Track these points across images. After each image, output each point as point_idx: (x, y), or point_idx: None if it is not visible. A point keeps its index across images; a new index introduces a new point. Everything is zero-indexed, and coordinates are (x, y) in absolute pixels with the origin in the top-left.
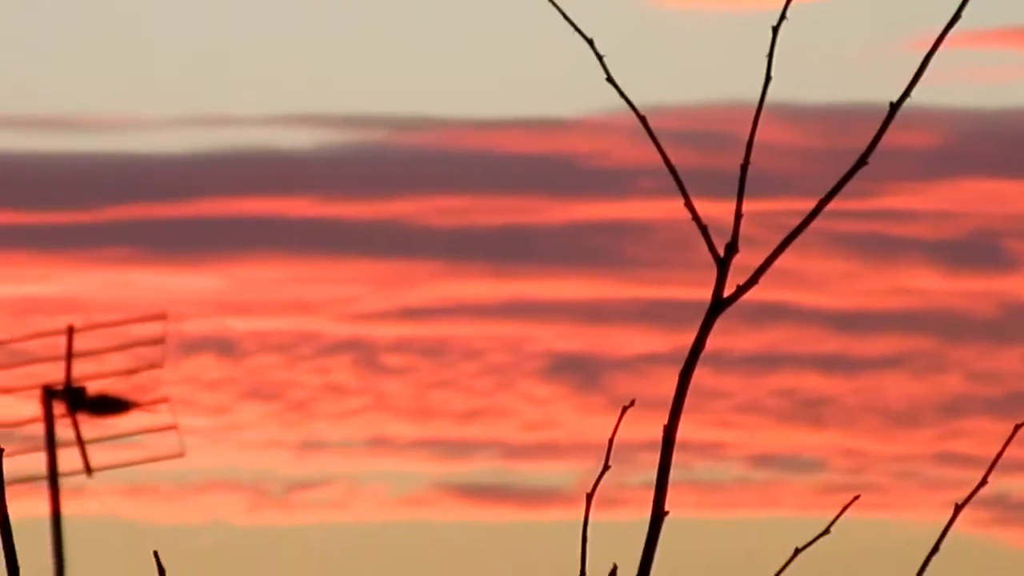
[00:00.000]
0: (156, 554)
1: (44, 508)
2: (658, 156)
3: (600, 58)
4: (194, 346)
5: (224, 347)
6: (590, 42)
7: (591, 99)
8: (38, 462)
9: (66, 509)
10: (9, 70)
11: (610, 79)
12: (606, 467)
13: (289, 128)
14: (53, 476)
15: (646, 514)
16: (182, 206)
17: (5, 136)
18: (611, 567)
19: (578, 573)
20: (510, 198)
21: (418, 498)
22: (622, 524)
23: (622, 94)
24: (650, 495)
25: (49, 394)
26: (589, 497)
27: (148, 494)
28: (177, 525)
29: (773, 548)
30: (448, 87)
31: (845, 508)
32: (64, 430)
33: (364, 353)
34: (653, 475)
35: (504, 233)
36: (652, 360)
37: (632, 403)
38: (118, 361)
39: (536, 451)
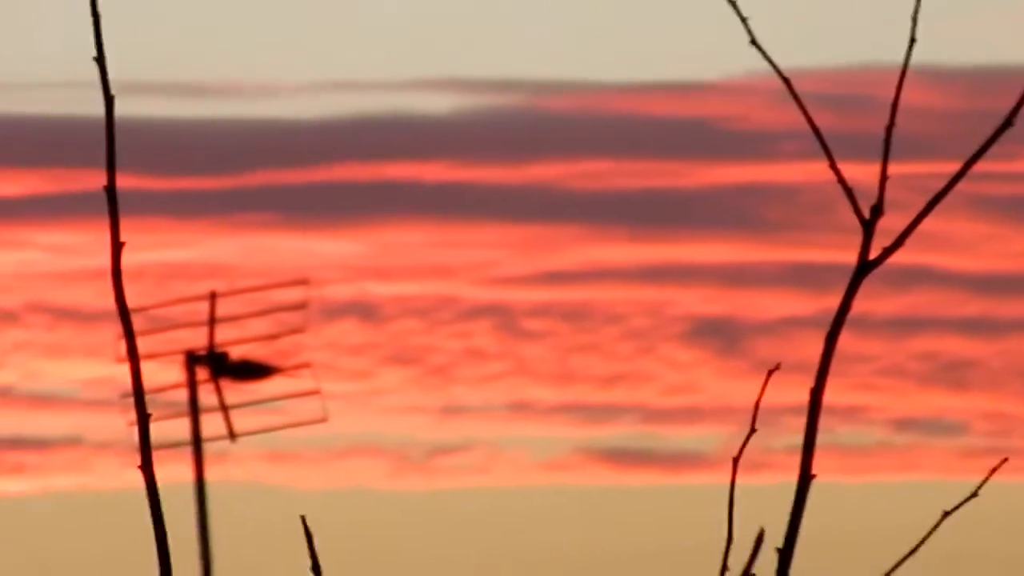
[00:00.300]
0: (303, 519)
1: (188, 473)
2: (800, 119)
3: (744, 20)
4: (335, 311)
5: (365, 312)
6: (733, 4)
7: (732, 62)
8: (182, 428)
9: (209, 475)
10: (149, 37)
11: (754, 41)
12: (752, 431)
13: (428, 92)
14: (196, 442)
15: (790, 478)
16: (321, 171)
17: (145, 103)
18: (757, 531)
19: (723, 537)
20: (652, 162)
21: (559, 463)
22: (766, 488)
23: (766, 56)
24: (793, 459)
25: (192, 360)
26: (735, 461)
27: (290, 459)
28: (319, 490)
29: (916, 512)
30: (588, 51)
31: (993, 471)
32: (207, 396)
33: (505, 318)
34: (796, 439)
35: (646, 197)
36: (794, 323)
37: (778, 367)
38: (260, 326)
39: (678, 415)
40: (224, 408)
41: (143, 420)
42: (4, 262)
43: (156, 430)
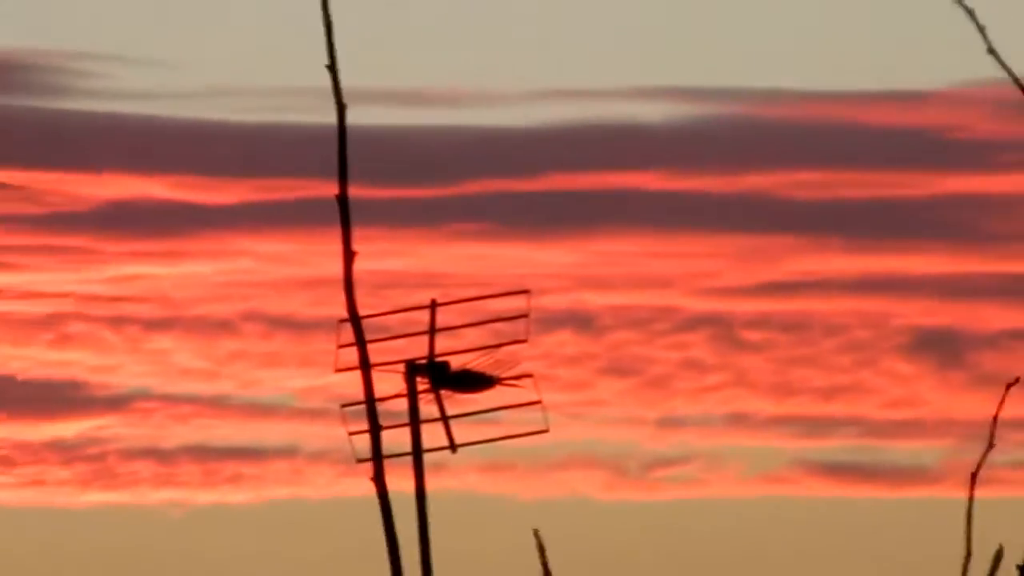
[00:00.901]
0: (536, 532)
1: (408, 483)
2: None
3: (982, 30)
4: (552, 321)
5: (582, 322)
6: (971, 14)
7: (952, 71)
8: (403, 438)
9: (430, 484)
10: (370, 43)
11: (991, 50)
12: (991, 446)
13: (644, 101)
14: (417, 452)
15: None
16: (538, 180)
17: (365, 111)
18: (996, 547)
19: (951, 552)
20: (870, 172)
21: (778, 475)
22: (996, 503)
23: (1003, 65)
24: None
25: (412, 369)
26: (974, 476)
27: (509, 470)
28: (537, 500)
29: None
30: (806, 59)
31: None
32: (427, 406)
33: (723, 328)
34: None
35: (864, 207)
36: (1017, 336)
37: (1016, 381)
38: (480, 336)
39: (899, 428)
40: (445, 419)
41: (375, 431)
42: (220, 271)
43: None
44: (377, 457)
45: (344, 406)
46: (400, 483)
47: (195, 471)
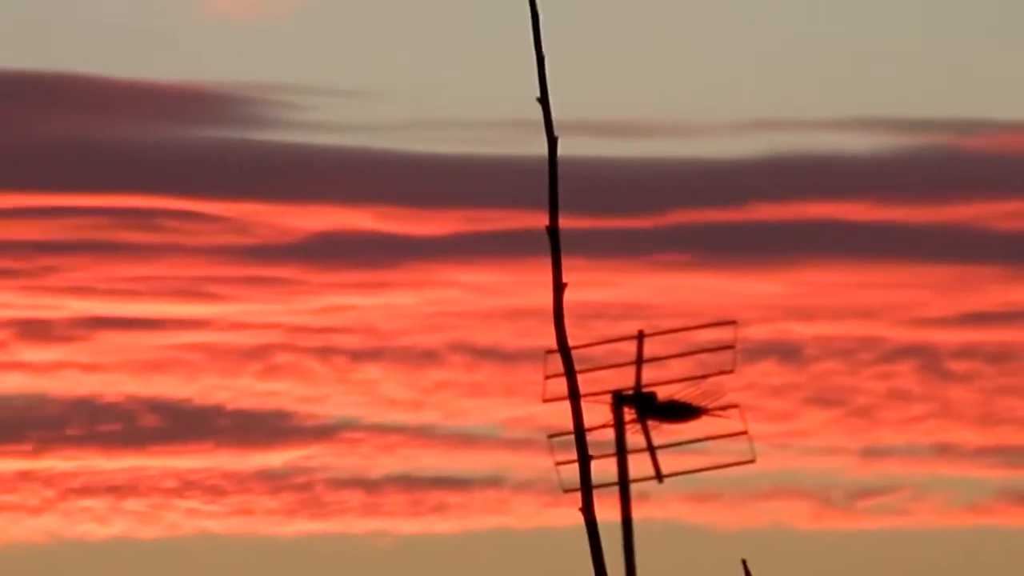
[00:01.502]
0: (744, 562)
1: (614, 513)
2: None
3: None
4: (758, 351)
5: (788, 352)
6: None
7: None
8: (608, 468)
9: (636, 514)
10: (578, 76)
11: None
12: None
13: (847, 132)
14: (624, 482)
15: None
16: (743, 210)
17: (575, 142)
18: None
19: None
20: None
21: (983, 505)
22: None
23: None
24: None
25: (619, 400)
26: None
27: (714, 500)
28: (742, 530)
29: None
30: (1009, 90)
31: None
32: (634, 436)
33: (928, 359)
34: None
35: None
36: None
37: None
38: (686, 367)
39: None
40: (651, 449)
41: (584, 461)
42: (427, 301)
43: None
44: (586, 487)
45: (551, 436)
46: (606, 513)
47: (401, 501)
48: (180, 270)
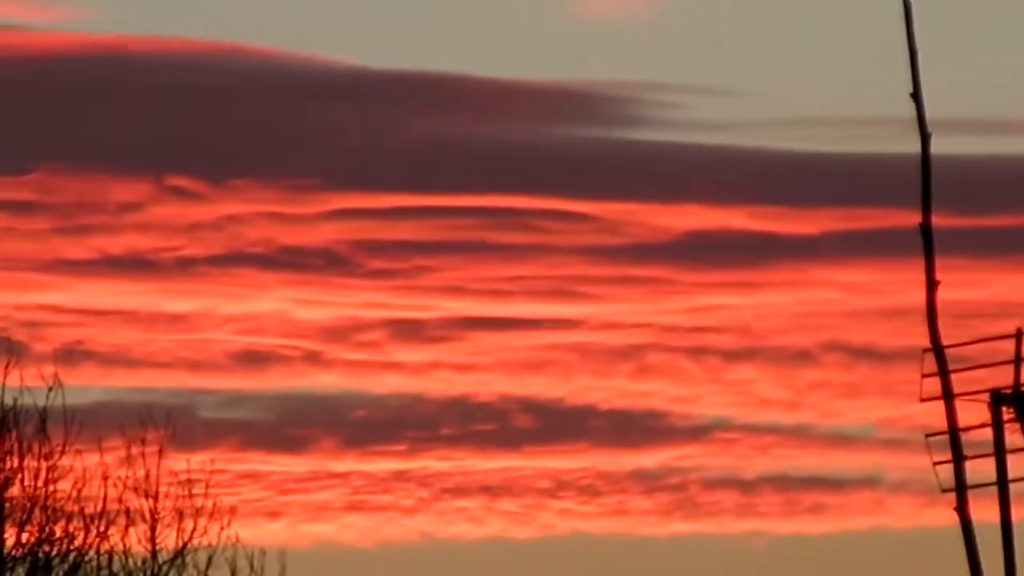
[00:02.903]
0: None
1: (993, 514)
2: None
3: None
4: None
5: None
6: None
7: None
8: (987, 468)
9: (1016, 515)
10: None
11: None
12: None
13: None
14: (1002, 482)
15: None
16: None
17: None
18: None
19: None
20: None
21: None
22: None
23: None
24: None
25: (997, 399)
26: None
27: None
28: None
29: None
30: None
31: None
32: (1013, 435)
33: None
34: None
35: None
36: None
37: None
38: None
39: None
40: None
41: (958, 461)
42: (800, 301)
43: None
44: (960, 487)
45: (929, 436)
46: (984, 513)
47: (776, 501)
48: (552, 270)
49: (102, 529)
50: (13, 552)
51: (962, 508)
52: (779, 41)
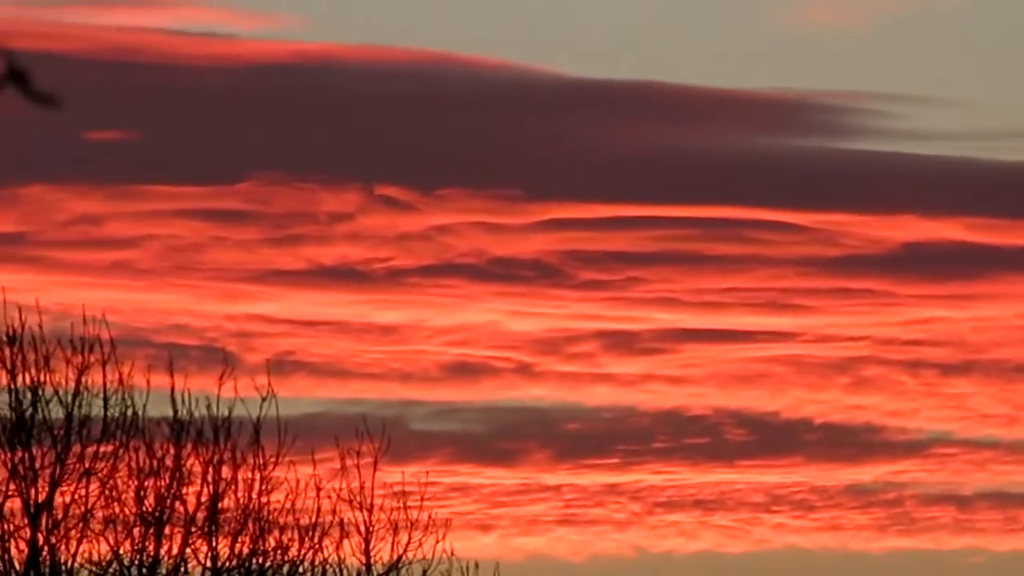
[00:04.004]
0: None
1: None
2: None
3: None
4: None
5: None
6: None
7: None
8: None
9: None
10: None
11: None
12: None
13: None
14: None
15: None
16: None
17: None
18: None
19: None
20: None
21: None
22: None
23: None
24: None
25: None
26: None
27: None
28: None
29: None
30: None
31: None
32: None
33: None
34: None
35: None
36: None
37: None
38: None
39: None
40: None
41: None
42: (1019, 314)
43: None
44: None
45: None
46: None
47: (994, 518)
48: (767, 281)
49: (316, 541)
50: (227, 563)
51: None
52: (997, 51)
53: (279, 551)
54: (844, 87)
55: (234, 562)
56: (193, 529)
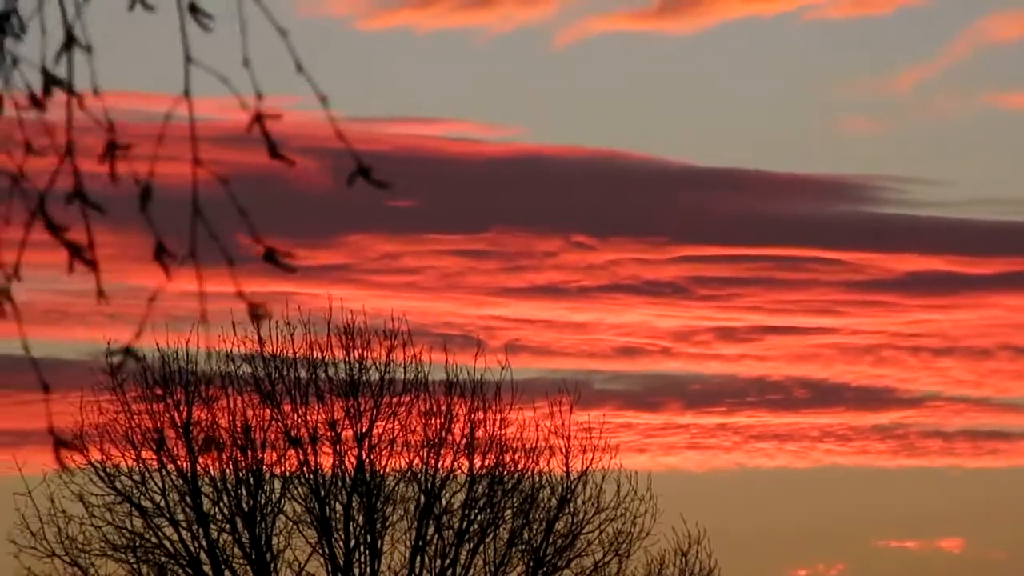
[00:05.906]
0: None
1: None
2: None
3: None
4: None
5: None
6: None
7: None
8: None
9: None
10: None
11: None
12: None
13: None
14: None
15: None
16: None
17: None
18: None
19: None
20: None
21: None
22: None
23: None
24: None
25: None
26: None
27: None
28: None
29: None
30: None
31: None
32: None
33: None
34: None
35: None
36: None
37: None
38: None
39: None
40: None
41: None
42: None
43: None
44: None
45: None
46: None
47: (967, 446)
48: (819, 295)
49: (534, 458)
50: (479, 472)
51: None
52: (975, 147)
53: (512, 465)
54: (873, 172)
55: (483, 472)
56: (458, 450)
